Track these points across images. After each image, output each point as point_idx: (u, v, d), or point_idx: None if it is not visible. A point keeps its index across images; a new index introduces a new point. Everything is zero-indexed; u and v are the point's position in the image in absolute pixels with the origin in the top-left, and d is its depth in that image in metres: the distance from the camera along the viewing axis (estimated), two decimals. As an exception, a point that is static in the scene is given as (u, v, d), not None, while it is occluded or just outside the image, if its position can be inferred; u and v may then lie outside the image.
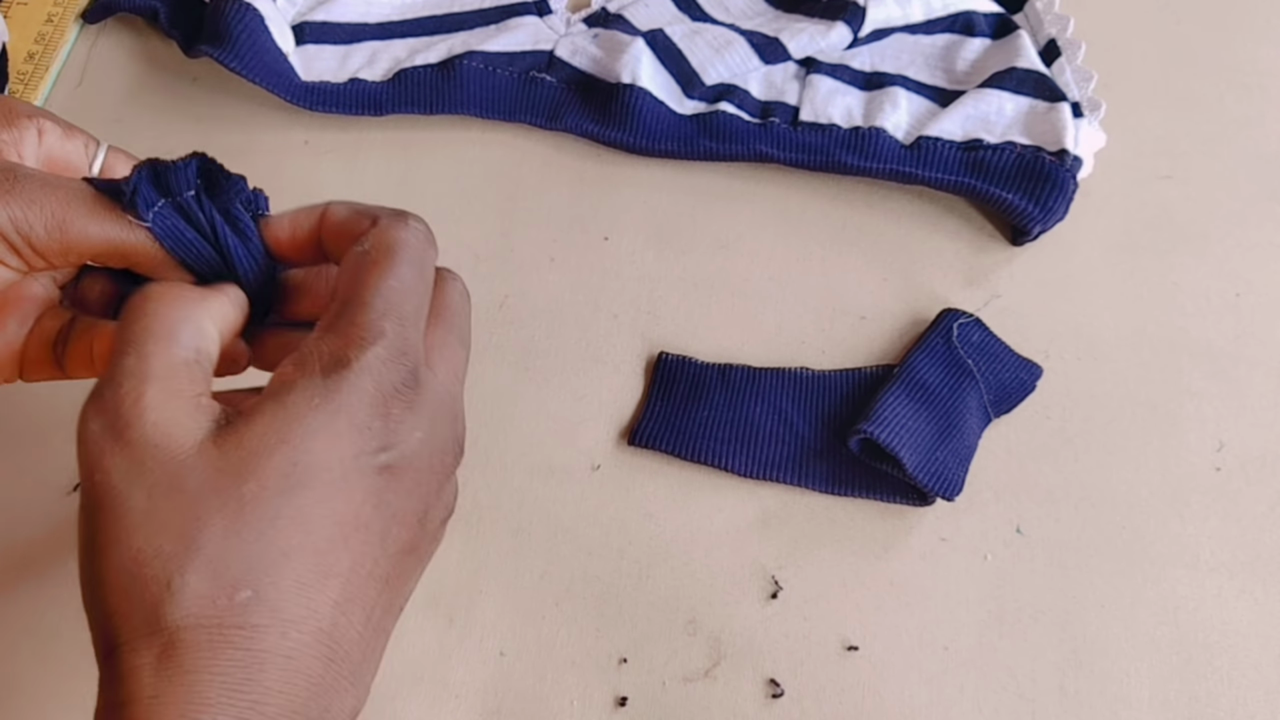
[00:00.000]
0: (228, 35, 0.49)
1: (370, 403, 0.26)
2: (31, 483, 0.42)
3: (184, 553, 0.24)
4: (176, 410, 0.25)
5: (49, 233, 0.28)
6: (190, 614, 0.23)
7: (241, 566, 0.24)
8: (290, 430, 0.25)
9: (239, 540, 0.24)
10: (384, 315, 0.27)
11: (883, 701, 0.38)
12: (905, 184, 0.49)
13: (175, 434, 0.25)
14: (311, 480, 0.25)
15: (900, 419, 0.40)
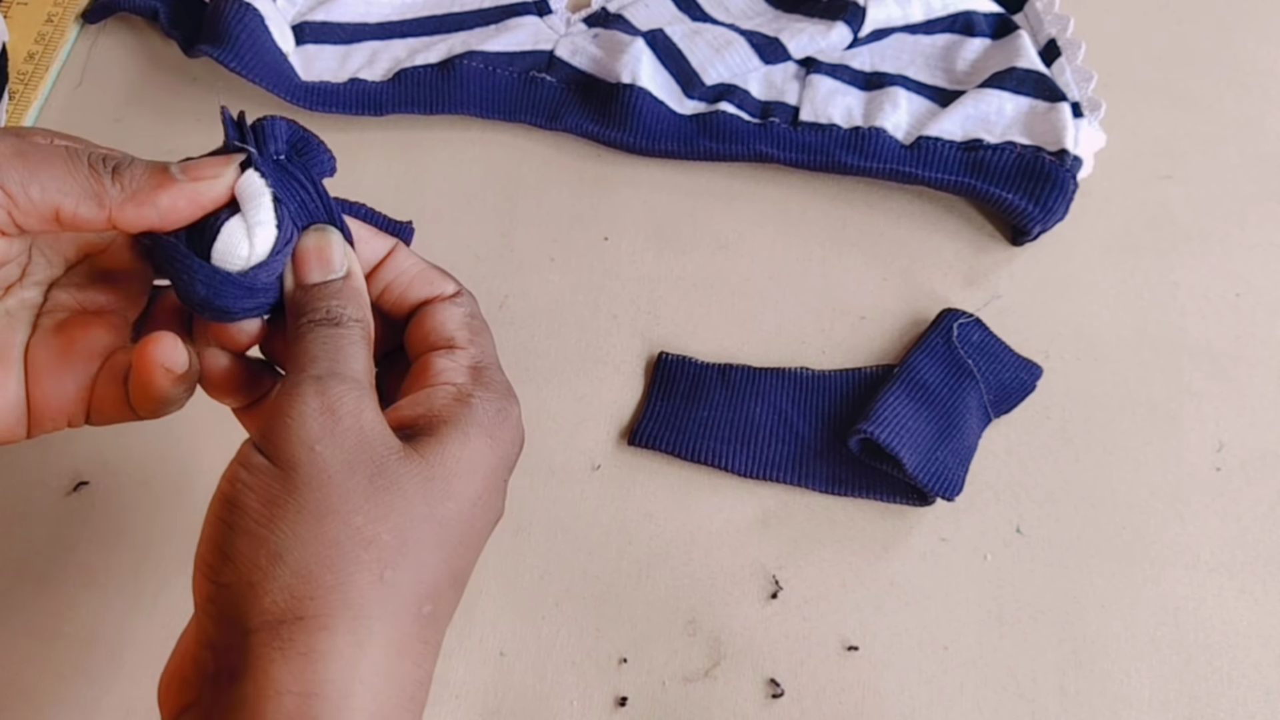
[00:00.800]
0: (228, 35, 0.49)
1: (515, 452, 0.29)
2: (32, 483, 0.42)
3: (398, 547, 0.25)
4: (378, 417, 0.26)
5: (19, 186, 0.26)
6: (392, 610, 0.24)
7: (432, 581, 0.25)
8: (479, 467, 0.27)
9: (436, 556, 0.25)
10: (503, 374, 0.30)
11: (883, 701, 0.38)
12: (905, 184, 0.49)
13: (384, 436, 0.26)
14: (484, 520, 0.27)
15: (900, 419, 0.40)
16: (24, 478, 0.42)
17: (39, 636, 0.39)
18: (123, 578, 0.40)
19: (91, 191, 0.27)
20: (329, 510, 0.24)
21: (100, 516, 0.41)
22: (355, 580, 0.24)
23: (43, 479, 0.42)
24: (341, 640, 0.23)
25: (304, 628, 0.23)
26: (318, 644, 0.23)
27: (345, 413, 0.25)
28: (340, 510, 0.24)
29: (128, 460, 0.42)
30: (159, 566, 0.40)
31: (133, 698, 0.38)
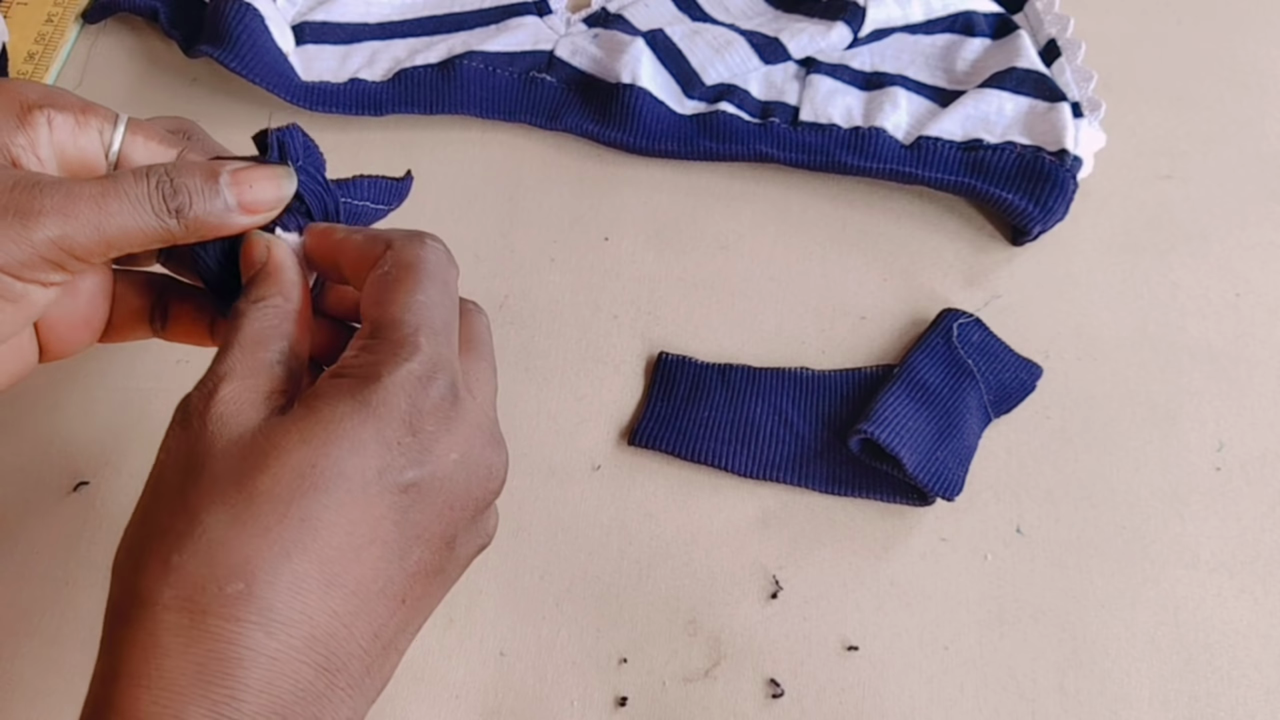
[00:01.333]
0: (228, 35, 0.49)
1: (401, 418, 0.26)
2: (32, 483, 0.42)
3: (187, 533, 0.24)
4: (244, 405, 0.26)
5: (89, 239, 0.27)
6: (178, 595, 0.24)
7: (238, 558, 0.24)
8: (313, 433, 0.25)
9: (240, 531, 0.24)
10: (416, 330, 0.27)
11: (883, 701, 0.38)
12: (905, 184, 0.49)
13: (229, 426, 0.25)
14: (327, 485, 0.25)
15: (900, 419, 0.40)
16: (24, 478, 0.42)
17: (39, 636, 0.39)
18: (123, 578, 0.40)
19: (159, 237, 0.28)
20: (144, 513, 0.25)
21: (100, 516, 0.41)
22: (145, 573, 0.24)
23: (43, 479, 0.42)
24: (132, 630, 0.24)
25: (116, 626, 0.24)
26: (119, 636, 0.24)
27: (197, 414, 0.26)
28: (152, 509, 0.25)
29: (128, 460, 0.42)
30: (159, 566, 0.40)
31: (133, 698, 0.38)
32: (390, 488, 0.25)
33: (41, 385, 0.44)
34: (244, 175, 0.29)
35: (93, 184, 0.28)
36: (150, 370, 0.44)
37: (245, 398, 0.26)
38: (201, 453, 0.25)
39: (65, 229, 0.27)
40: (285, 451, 0.25)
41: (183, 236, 0.29)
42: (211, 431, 0.26)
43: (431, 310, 0.27)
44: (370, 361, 0.26)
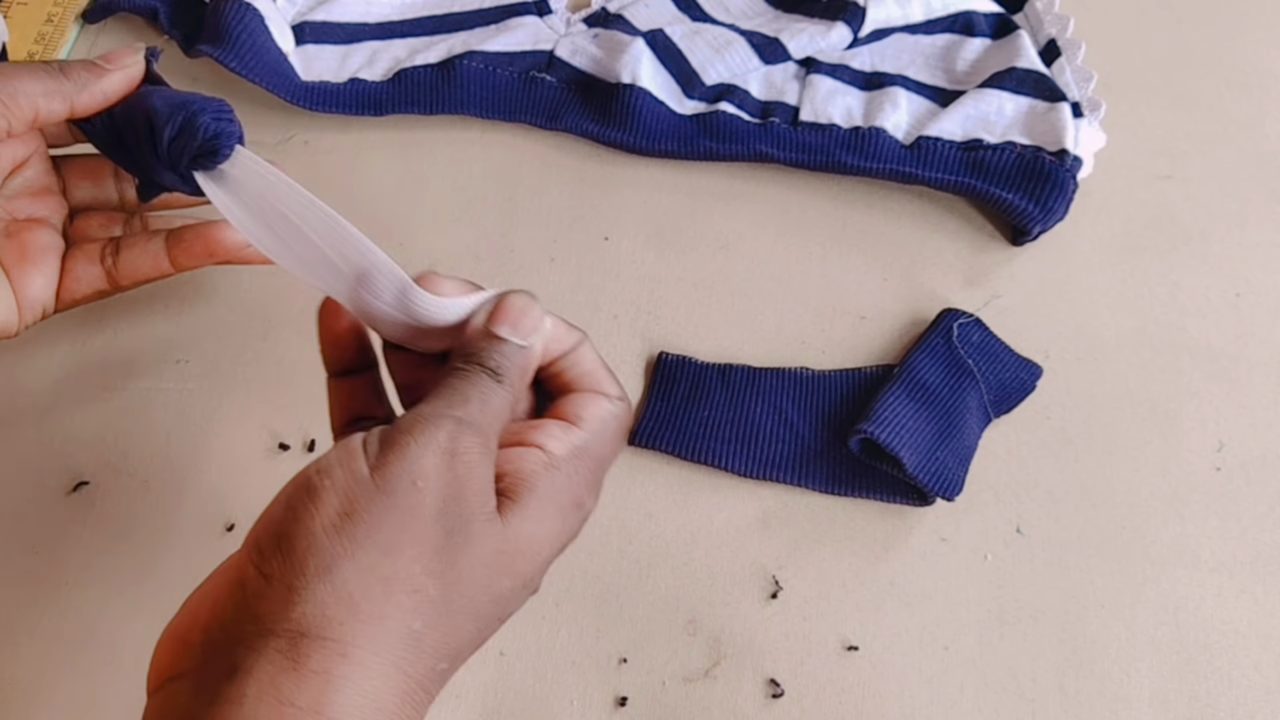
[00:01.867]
0: (228, 35, 0.49)
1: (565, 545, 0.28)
2: (32, 483, 0.42)
3: (438, 607, 0.25)
4: (488, 477, 0.26)
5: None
6: (410, 660, 0.24)
7: (457, 645, 0.25)
8: (542, 544, 0.27)
9: (471, 624, 0.26)
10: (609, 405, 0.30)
11: (883, 701, 0.38)
12: (905, 184, 0.49)
13: (484, 496, 0.26)
14: (526, 594, 0.27)
15: (900, 419, 0.40)
16: (24, 478, 0.42)
17: (39, 636, 0.39)
18: (123, 578, 0.40)
19: (56, 90, 0.36)
20: (395, 549, 0.24)
21: (100, 516, 0.41)
22: (388, 622, 0.24)
23: (43, 479, 0.42)
24: (356, 671, 0.23)
25: (324, 649, 0.23)
26: (334, 668, 0.23)
27: (463, 464, 0.25)
28: (405, 554, 0.24)
29: (128, 460, 0.42)
30: (159, 566, 0.40)
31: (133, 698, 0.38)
32: (538, 584, 0.28)
33: (42, 385, 0.44)
34: (110, 52, 0.37)
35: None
36: (150, 370, 0.44)
37: (488, 464, 0.27)
38: (464, 517, 0.25)
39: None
40: (525, 559, 0.27)
41: (75, 94, 0.36)
42: (470, 496, 0.26)
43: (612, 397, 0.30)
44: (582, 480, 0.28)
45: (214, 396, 0.43)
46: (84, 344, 0.45)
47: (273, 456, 0.42)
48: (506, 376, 0.28)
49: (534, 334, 0.29)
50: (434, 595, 0.24)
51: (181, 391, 0.44)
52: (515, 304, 0.29)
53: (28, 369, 0.44)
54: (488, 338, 0.29)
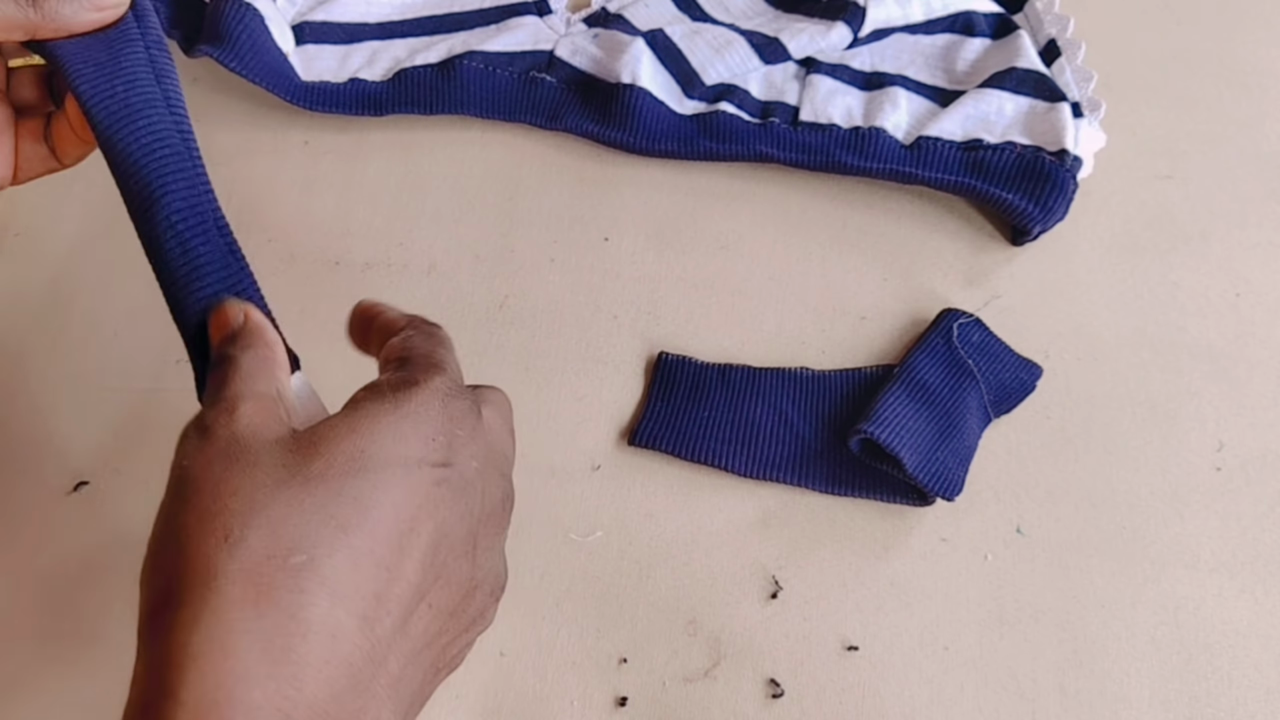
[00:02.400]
0: (228, 35, 0.49)
1: (436, 417, 0.28)
2: (32, 483, 0.42)
3: (247, 511, 0.25)
4: (268, 419, 0.27)
5: None
6: (243, 566, 0.24)
7: (299, 532, 0.24)
8: (359, 424, 0.27)
9: (300, 509, 0.25)
10: (442, 360, 0.30)
11: (883, 701, 0.38)
12: (905, 184, 0.49)
13: (259, 432, 0.27)
14: (375, 468, 0.26)
15: (900, 419, 0.40)
16: (24, 478, 0.42)
17: (39, 636, 0.39)
18: (123, 578, 0.40)
19: (20, 24, 0.33)
20: (185, 504, 0.25)
21: (100, 516, 0.41)
22: (201, 550, 0.24)
23: (43, 479, 0.42)
24: (193, 610, 0.23)
25: (169, 611, 0.23)
26: (176, 619, 0.23)
27: (221, 424, 0.27)
28: (194, 499, 0.25)
29: (128, 460, 0.42)
30: (159, 566, 0.40)
31: (133, 698, 0.38)
32: (425, 478, 0.27)
33: (42, 385, 0.44)
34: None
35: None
36: (150, 370, 0.44)
37: (266, 413, 0.28)
38: (240, 451, 0.26)
39: None
40: (335, 441, 0.26)
41: (43, 21, 0.33)
42: (245, 435, 0.26)
43: (452, 354, 0.31)
44: (405, 375, 0.29)
45: (214, 396, 0.43)
46: (84, 344, 0.45)
47: (273, 456, 0.42)
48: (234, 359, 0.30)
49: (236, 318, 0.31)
50: (234, 507, 0.25)
51: (181, 391, 0.44)
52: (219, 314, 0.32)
53: (27, 369, 0.44)
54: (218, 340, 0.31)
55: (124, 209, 0.47)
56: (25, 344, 0.45)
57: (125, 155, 0.33)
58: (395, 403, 0.28)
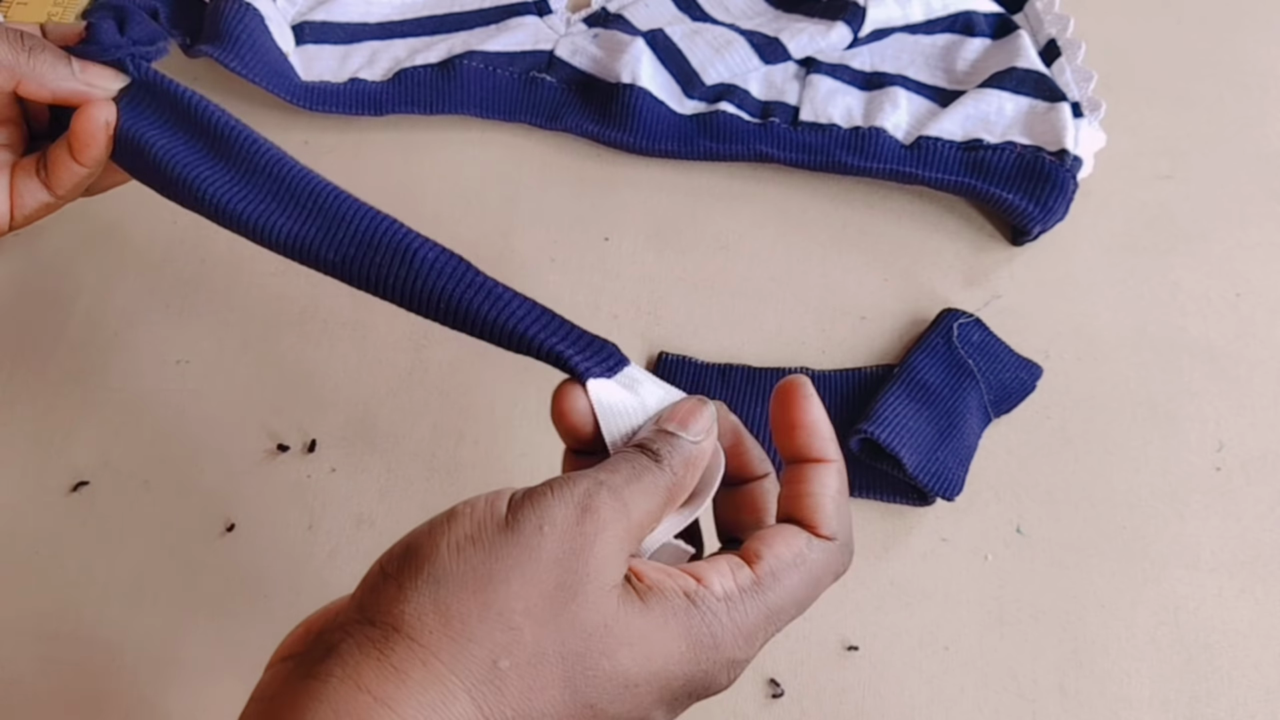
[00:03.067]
0: (228, 35, 0.49)
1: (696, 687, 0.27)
2: (32, 483, 0.42)
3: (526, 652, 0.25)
4: (616, 549, 0.26)
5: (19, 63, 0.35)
6: (482, 694, 0.24)
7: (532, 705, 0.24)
8: (651, 654, 0.26)
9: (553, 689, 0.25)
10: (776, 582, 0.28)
11: (883, 701, 0.38)
12: (905, 184, 0.49)
13: (603, 566, 0.26)
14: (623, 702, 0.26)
15: (900, 419, 0.40)
16: (24, 478, 0.42)
17: (39, 636, 0.39)
18: (123, 578, 0.40)
19: (10, 70, 0.35)
20: (504, 582, 0.25)
21: (100, 516, 0.41)
22: (474, 648, 0.24)
23: (43, 479, 0.42)
24: (429, 681, 0.24)
25: (410, 650, 0.24)
26: (413, 670, 0.24)
27: (592, 521, 0.26)
28: (511, 589, 0.25)
29: (128, 460, 0.42)
30: (159, 566, 0.40)
31: (132, 698, 0.38)
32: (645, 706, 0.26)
33: (42, 385, 0.44)
34: (88, 64, 0.36)
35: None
36: (150, 370, 0.44)
37: (618, 535, 0.26)
38: (576, 578, 0.25)
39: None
40: (629, 653, 0.25)
41: (29, 75, 0.35)
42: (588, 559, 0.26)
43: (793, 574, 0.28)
44: (727, 626, 0.27)
45: (214, 396, 0.43)
46: (84, 344, 0.45)
47: (272, 457, 0.42)
48: (666, 460, 0.28)
49: (704, 434, 0.29)
50: (527, 639, 0.24)
51: (181, 391, 0.44)
52: (685, 405, 0.30)
53: (28, 369, 0.44)
54: (657, 431, 0.29)
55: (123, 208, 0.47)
56: (25, 344, 0.45)
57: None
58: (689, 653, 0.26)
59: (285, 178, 0.35)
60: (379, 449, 0.42)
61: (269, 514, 0.41)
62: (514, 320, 0.31)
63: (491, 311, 0.32)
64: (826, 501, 0.29)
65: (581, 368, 0.31)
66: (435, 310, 0.32)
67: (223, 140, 0.35)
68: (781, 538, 0.28)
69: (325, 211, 0.35)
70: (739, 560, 0.28)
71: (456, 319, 0.32)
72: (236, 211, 0.34)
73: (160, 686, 0.38)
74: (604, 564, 0.26)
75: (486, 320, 0.32)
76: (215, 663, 0.38)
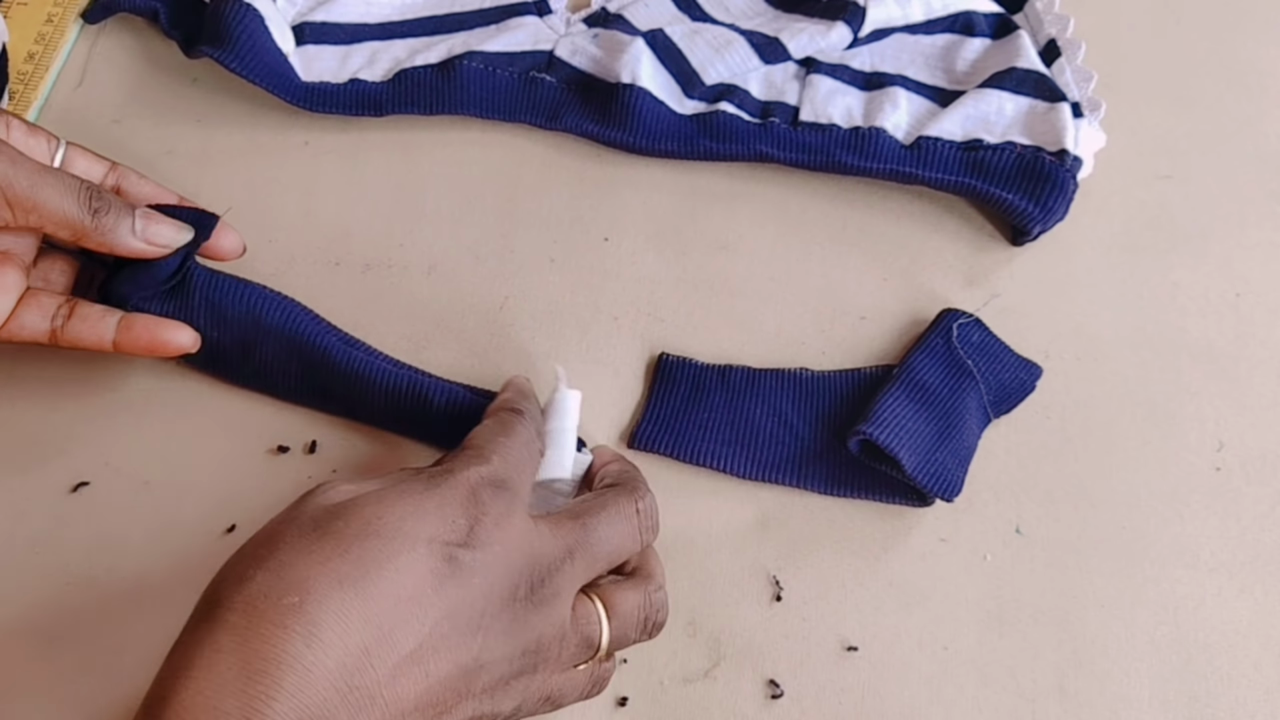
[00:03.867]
0: (228, 36, 0.49)
1: (461, 504, 0.31)
2: (32, 483, 0.42)
3: (265, 556, 0.29)
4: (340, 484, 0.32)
5: (23, 190, 0.36)
6: (243, 600, 0.27)
7: (299, 577, 0.28)
8: (385, 495, 0.30)
9: (306, 558, 0.28)
10: (493, 451, 0.33)
11: (883, 701, 0.38)
12: (905, 184, 0.49)
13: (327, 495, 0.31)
14: (384, 534, 0.29)
15: (900, 420, 0.40)
16: (24, 478, 0.42)
17: (39, 636, 0.39)
18: (123, 578, 0.40)
19: (75, 226, 0.38)
20: (242, 551, 0.30)
21: (100, 516, 0.41)
22: (226, 582, 0.28)
23: (43, 479, 0.42)
24: (198, 631, 0.27)
25: (183, 630, 0.28)
26: (184, 638, 0.28)
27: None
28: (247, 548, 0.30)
29: (128, 460, 0.42)
30: (159, 566, 0.40)
31: (132, 698, 0.38)
32: (435, 554, 0.29)
33: (41, 385, 0.44)
34: (154, 215, 0.40)
35: (42, 162, 0.38)
36: (150, 370, 0.44)
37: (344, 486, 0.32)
38: (305, 513, 0.30)
39: (9, 171, 0.36)
40: (359, 506, 0.30)
41: (91, 234, 0.38)
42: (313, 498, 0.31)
43: (511, 449, 0.34)
44: (448, 463, 0.33)
45: (214, 396, 0.43)
46: (84, 344, 0.45)
47: (273, 457, 0.42)
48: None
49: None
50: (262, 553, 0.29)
51: (181, 391, 0.44)
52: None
53: (27, 369, 0.44)
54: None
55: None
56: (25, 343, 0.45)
57: None
58: (425, 484, 0.31)
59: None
60: (379, 449, 0.42)
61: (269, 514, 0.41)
62: None
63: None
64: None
65: None
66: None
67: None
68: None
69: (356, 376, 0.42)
70: None
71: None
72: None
73: (160, 687, 0.38)
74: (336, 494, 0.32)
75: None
76: (215, 663, 0.38)
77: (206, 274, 0.42)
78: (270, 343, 0.42)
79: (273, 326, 0.42)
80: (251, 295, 0.42)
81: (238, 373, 0.43)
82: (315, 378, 0.42)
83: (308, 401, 0.43)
